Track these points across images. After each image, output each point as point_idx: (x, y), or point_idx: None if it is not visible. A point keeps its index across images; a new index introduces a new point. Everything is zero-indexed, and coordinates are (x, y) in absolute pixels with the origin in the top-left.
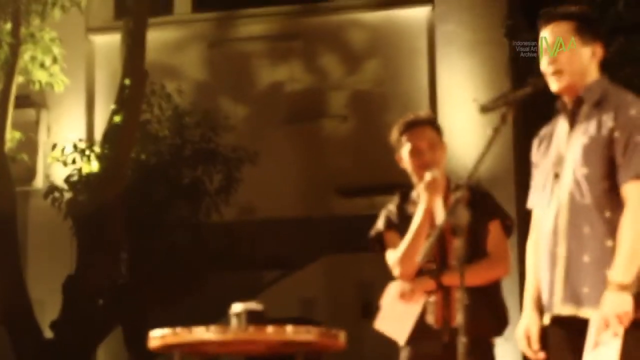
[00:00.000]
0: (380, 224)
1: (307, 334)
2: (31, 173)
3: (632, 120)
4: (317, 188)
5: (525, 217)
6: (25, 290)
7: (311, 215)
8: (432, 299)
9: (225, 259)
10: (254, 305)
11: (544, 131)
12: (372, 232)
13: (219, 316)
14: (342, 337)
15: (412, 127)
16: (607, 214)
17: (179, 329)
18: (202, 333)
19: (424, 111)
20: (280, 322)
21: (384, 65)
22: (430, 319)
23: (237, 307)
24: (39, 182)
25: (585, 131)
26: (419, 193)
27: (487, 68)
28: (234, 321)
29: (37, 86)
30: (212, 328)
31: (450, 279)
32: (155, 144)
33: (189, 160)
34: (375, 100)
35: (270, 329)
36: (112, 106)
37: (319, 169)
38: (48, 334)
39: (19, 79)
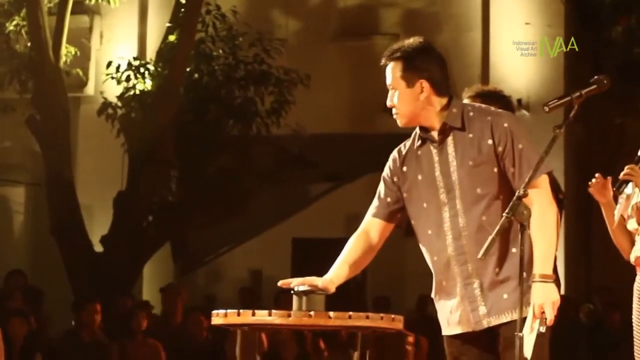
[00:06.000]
0: None
1: (368, 320)
2: (83, 80)
3: (507, 130)
4: (365, 105)
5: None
6: (76, 200)
7: (358, 131)
8: None
9: (273, 175)
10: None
11: (405, 150)
12: None
13: (267, 228)
14: (400, 322)
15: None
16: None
17: (242, 311)
18: (265, 317)
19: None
20: (327, 241)
21: None
22: None
23: (299, 289)
24: (91, 89)
25: (465, 155)
26: None
27: None
28: (295, 302)
29: (92, 1)
30: (275, 312)
31: None
32: (209, 64)
33: (242, 81)
34: (427, 20)
35: (332, 315)
36: (167, 24)
37: (368, 87)
38: (98, 247)
39: None
